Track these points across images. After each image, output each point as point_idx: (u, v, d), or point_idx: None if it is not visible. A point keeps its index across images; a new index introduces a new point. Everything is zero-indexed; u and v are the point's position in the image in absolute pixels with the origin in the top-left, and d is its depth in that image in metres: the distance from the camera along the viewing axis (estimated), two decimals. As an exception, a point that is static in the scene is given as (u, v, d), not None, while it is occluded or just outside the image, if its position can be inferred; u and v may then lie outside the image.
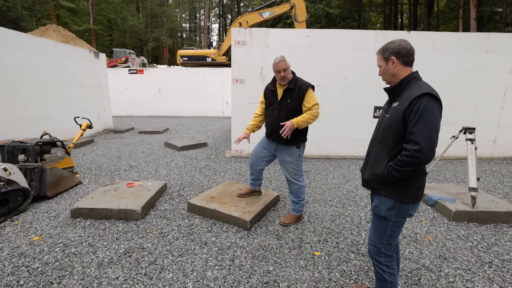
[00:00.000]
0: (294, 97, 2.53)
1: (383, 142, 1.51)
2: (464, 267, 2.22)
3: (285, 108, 2.58)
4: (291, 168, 2.71)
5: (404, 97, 1.42)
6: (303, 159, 2.76)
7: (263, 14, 12.49)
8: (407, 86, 1.44)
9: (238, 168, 4.73)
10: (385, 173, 1.44)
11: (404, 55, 1.45)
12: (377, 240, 1.57)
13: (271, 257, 2.30)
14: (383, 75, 1.56)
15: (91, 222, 2.80)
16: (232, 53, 5.13)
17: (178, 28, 31.02)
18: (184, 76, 12.39)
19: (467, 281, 2.05)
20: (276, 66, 2.54)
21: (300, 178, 2.75)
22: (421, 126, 1.31)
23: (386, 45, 1.52)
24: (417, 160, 1.33)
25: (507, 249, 2.47)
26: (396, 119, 1.41)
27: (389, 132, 1.46)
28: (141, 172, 4.46)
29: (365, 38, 5.15)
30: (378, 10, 23.98)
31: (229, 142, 6.86)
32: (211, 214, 2.90)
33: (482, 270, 2.18)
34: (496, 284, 2.03)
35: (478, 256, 2.37)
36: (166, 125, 9.64)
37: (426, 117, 1.31)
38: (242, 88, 5.28)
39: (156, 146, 6.38)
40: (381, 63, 1.53)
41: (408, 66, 1.48)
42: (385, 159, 1.48)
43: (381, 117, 1.61)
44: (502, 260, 2.32)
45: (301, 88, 2.51)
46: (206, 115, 12.82)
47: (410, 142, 1.35)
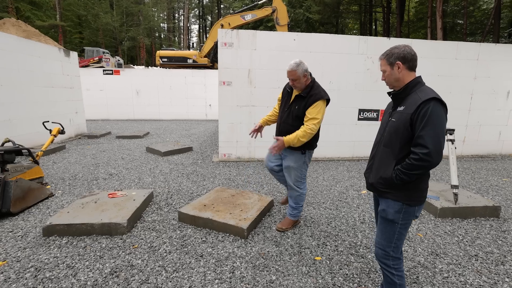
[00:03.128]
0: (302, 105, 2.43)
1: (389, 146, 1.53)
2: (454, 261, 2.33)
3: (292, 114, 2.50)
4: (294, 175, 2.63)
5: (410, 101, 1.45)
6: (308, 166, 2.68)
7: (245, 17, 12.45)
8: (412, 91, 1.49)
9: (228, 173, 4.59)
10: (393, 177, 1.47)
11: (409, 60, 1.49)
12: (385, 243, 1.58)
13: (272, 265, 2.22)
14: (387, 80, 1.58)
15: (68, 240, 2.50)
16: (219, 55, 5.00)
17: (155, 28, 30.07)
18: (164, 78, 11.98)
19: (460, 275, 2.14)
20: (286, 72, 2.45)
21: (302, 186, 2.68)
22: (429, 130, 1.34)
23: (390, 50, 1.54)
24: (425, 164, 1.35)
25: (488, 242, 2.65)
26: (403, 123, 1.44)
27: (396, 136, 1.48)
28: (122, 180, 4.17)
29: (350, 43, 5.26)
30: (355, 17, 25.02)
31: (216, 146, 6.68)
32: (205, 223, 2.75)
33: (470, 263, 2.30)
34: (484, 276, 2.15)
35: (465, 250, 2.50)
36: (146, 129, 9.23)
37: (433, 121, 1.35)
38: (229, 91, 5.15)
39: (137, 151, 6.05)
40: (386, 68, 1.55)
41: (412, 71, 1.52)
42: (392, 163, 1.50)
43: (385, 121, 1.64)
44: (486, 252, 2.47)
45: (311, 97, 2.39)
46: (189, 118, 12.48)
47: (419, 146, 1.37)
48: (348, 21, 26.45)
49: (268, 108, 5.34)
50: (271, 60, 5.13)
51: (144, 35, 27.41)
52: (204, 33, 39.23)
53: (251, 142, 5.45)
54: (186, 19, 28.64)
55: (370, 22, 24.18)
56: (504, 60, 5.79)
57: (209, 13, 37.69)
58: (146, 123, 11.18)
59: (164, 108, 12.20)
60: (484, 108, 5.95)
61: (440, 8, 13.77)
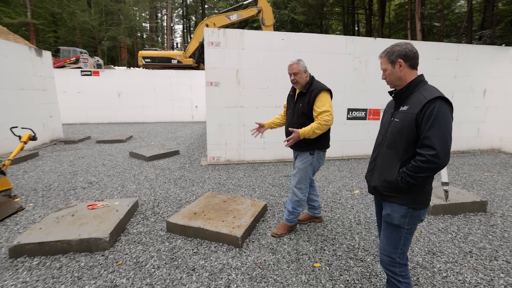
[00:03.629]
0: (305, 101, 2.41)
1: (393, 148, 1.46)
2: (451, 260, 2.31)
3: (298, 113, 2.46)
4: (298, 176, 2.52)
5: (414, 100, 1.39)
6: (315, 170, 2.57)
7: (231, 17, 12.28)
8: (415, 90, 1.43)
9: (217, 177, 4.41)
10: (398, 180, 1.39)
11: (411, 58, 1.44)
12: (390, 249, 1.50)
13: (270, 275, 2.09)
14: (388, 79, 1.52)
15: (40, 260, 2.23)
16: (206, 54, 4.82)
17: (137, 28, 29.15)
18: (147, 79, 11.57)
19: (458, 274, 2.12)
20: (288, 69, 2.47)
21: (303, 189, 2.55)
22: (436, 131, 1.28)
23: (391, 48, 1.47)
24: (433, 166, 1.29)
25: (480, 237, 2.67)
26: (408, 123, 1.37)
27: (400, 137, 1.41)
28: (104, 189, 3.89)
29: (337, 43, 5.24)
30: (338, 19, 25.48)
31: (203, 149, 6.47)
32: (196, 233, 2.57)
33: (466, 261, 2.30)
34: (480, 273, 2.14)
35: (459, 247, 2.50)
36: (129, 133, 8.84)
37: (440, 121, 1.28)
38: (217, 92, 4.98)
39: (120, 157, 5.73)
40: (387, 66, 1.49)
41: (414, 69, 1.46)
42: (397, 165, 1.43)
43: (387, 122, 1.56)
44: (479, 248, 2.48)
45: (313, 91, 2.37)
46: (174, 120, 12.12)
47: (425, 147, 1.31)
48: (331, 22, 26.91)
49: (257, 109, 5.22)
50: (260, 60, 5.01)
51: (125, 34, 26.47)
52: (188, 33, 38.53)
53: (240, 144, 5.30)
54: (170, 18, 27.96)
55: (353, 23, 24.72)
56: (481, 60, 6.00)
57: (193, 13, 37.08)
58: (129, 126, 10.74)
59: (148, 110, 11.78)
60: (463, 106, 6.12)
61: (418, 10, 14.25)
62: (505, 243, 2.56)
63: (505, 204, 3.43)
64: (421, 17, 14.64)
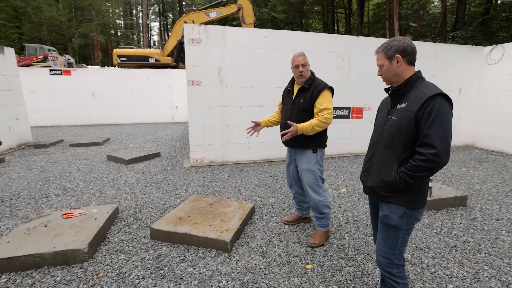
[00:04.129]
0: (307, 97, 2.32)
1: (390, 146, 1.41)
2: (438, 255, 2.36)
3: (298, 108, 2.37)
4: (308, 178, 2.43)
5: (413, 97, 1.34)
6: (323, 168, 2.50)
7: (210, 14, 12.05)
8: (413, 86, 1.39)
9: (201, 179, 4.27)
10: (397, 180, 1.36)
11: (409, 54, 1.39)
12: (388, 251, 1.47)
13: (262, 280, 2.02)
14: (384, 75, 1.46)
15: (9, 277, 2.01)
16: (186, 52, 4.65)
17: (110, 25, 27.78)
18: (124, 78, 11.06)
19: (445, 269, 2.17)
20: (294, 60, 2.36)
21: (320, 190, 2.45)
22: (437, 129, 1.25)
23: (388, 42, 1.42)
24: (433, 165, 1.26)
25: (462, 231, 2.76)
26: (407, 121, 1.33)
27: (398, 135, 1.37)
28: (80, 195, 3.63)
29: (321, 41, 5.27)
30: (318, 17, 25.91)
31: (186, 150, 6.27)
32: (182, 239, 2.45)
33: (451, 255, 2.36)
34: (466, 266, 2.21)
35: (444, 242, 2.57)
36: (105, 135, 8.41)
37: (440, 119, 1.25)
38: (199, 91, 4.83)
39: (96, 160, 5.40)
40: (384, 61, 1.43)
41: (411, 65, 1.42)
42: (395, 165, 1.39)
43: (383, 120, 1.51)
44: (463, 242, 2.56)
45: (316, 87, 2.31)
46: (153, 121, 11.71)
47: (425, 146, 1.27)
48: (311, 21, 27.31)
49: (241, 109, 5.13)
50: (243, 58, 4.93)
51: (97, 32, 25.13)
52: (166, 31, 37.40)
53: (224, 144, 5.18)
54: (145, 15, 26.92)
55: (332, 22, 25.22)
56: (457, 59, 6.30)
57: (170, 10, 36.01)
58: (105, 128, 10.22)
59: (125, 111, 11.28)
60: (440, 103, 6.40)
61: (396, 10, 14.80)
62: (485, 236, 2.67)
63: (482, 198, 3.60)
64: (399, 17, 15.19)
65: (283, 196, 3.62)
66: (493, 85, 6.38)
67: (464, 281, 2.03)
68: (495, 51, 6.30)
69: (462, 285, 1.99)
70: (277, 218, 2.98)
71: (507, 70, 6.10)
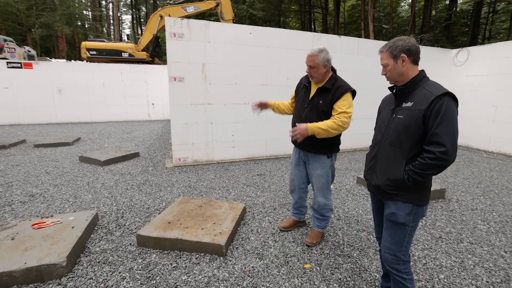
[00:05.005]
0: (328, 98, 2.12)
1: (397, 145, 1.41)
2: (427, 246, 2.44)
3: (316, 110, 2.17)
4: (320, 183, 2.32)
5: (420, 96, 1.35)
6: (334, 173, 2.41)
7: (187, 9, 11.62)
8: (419, 85, 1.40)
9: (186, 180, 4.10)
10: (405, 178, 1.36)
11: (414, 53, 1.40)
12: (395, 248, 1.48)
13: (261, 283, 1.96)
14: (389, 74, 1.47)
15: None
16: (168, 47, 4.41)
17: (76, 15, 25.78)
18: (95, 74, 10.33)
19: (435, 260, 2.26)
20: (306, 59, 2.15)
21: (329, 194, 2.38)
22: (445, 127, 1.26)
23: (393, 42, 1.43)
24: (442, 163, 1.28)
25: (445, 222, 2.91)
26: (415, 120, 1.34)
27: (406, 134, 1.37)
28: (51, 202, 3.29)
29: (304, 40, 5.29)
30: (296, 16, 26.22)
31: (166, 149, 6.00)
32: (173, 244, 2.30)
33: (438, 246, 2.46)
34: (452, 256, 2.31)
35: (430, 233, 2.68)
36: (75, 134, 7.80)
37: (448, 118, 1.27)
38: (181, 88, 4.61)
39: (67, 162, 4.97)
40: (389, 61, 1.44)
41: (416, 64, 1.43)
42: (402, 163, 1.39)
43: (387, 118, 1.52)
44: (446, 233, 2.69)
45: (338, 89, 2.11)
46: (128, 119, 11.09)
47: (434, 144, 1.28)
48: (289, 19, 27.58)
49: (226, 106, 5.00)
50: (227, 54, 4.79)
51: (62, 22, 23.26)
52: (138, 24, 35.63)
53: (208, 143, 5.02)
54: (116, 7, 25.36)
55: (310, 21, 25.65)
56: (429, 60, 6.66)
57: (142, 3, 34.27)
58: (74, 126, 9.49)
59: (97, 108, 10.55)
60: (414, 102, 6.75)
61: (371, 12, 15.38)
62: (465, 226, 2.84)
63: (457, 190, 3.84)
64: (373, 19, 15.81)
65: (272, 195, 3.57)
66: (459, 85, 6.85)
67: (453, 270, 2.13)
68: (461, 54, 6.77)
69: (451, 274, 2.09)
70: (270, 218, 2.93)
71: (471, 71, 6.58)
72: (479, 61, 6.43)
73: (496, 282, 2.01)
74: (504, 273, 2.11)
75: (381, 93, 7.53)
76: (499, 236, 2.64)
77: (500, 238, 2.61)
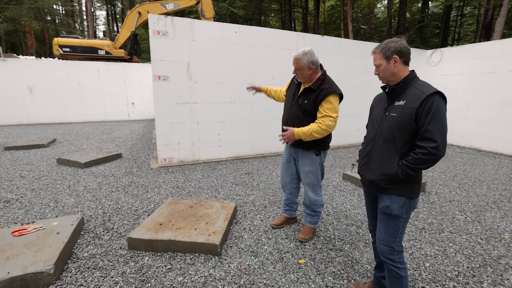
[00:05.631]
0: (312, 99, 2.16)
1: (391, 141, 1.48)
2: (412, 237, 2.57)
3: (301, 109, 2.23)
4: (310, 179, 2.38)
5: (411, 95, 1.43)
6: (324, 170, 2.46)
7: (167, 6, 11.34)
8: (410, 85, 1.47)
9: (173, 180, 4.02)
10: (399, 172, 1.43)
11: (405, 55, 1.48)
12: (390, 239, 1.55)
13: (258, 280, 1.98)
14: (382, 74, 1.54)
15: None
16: (152, 45, 4.29)
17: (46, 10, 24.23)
18: (69, 72, 9.81)
19: (420, 249, 2.38)
20: (292, 60, 2.22)
21: (319, 190, 2.44)
22: (436, 124, 1.34)
23: (386, 43, 1.51)
24: (433, 157, 1.35)
25: (427, 214, 3.08)
26: (408, 117, 1.41)
27: (399, 131, 1.44)
28: (29, 207, 3.11)
29: (289, 39, 5.36)
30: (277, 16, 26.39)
31: (149, 150, 5.84)
32: (166, 246, 2.26)
33: (422, 236, 2.61)
34: (435, 245, 2.45)
35: (414, 225, 2.83)
36: (50, 136, 7.38)
37: (438, 115, 1.34)
38: (166, 87, 4.51)
39: (44, 165, 4.70)
40: (381, 61, 1.51)
41: (407, 65, 1.51)
42: (395, 158, 1.46)
43: (380, 116, 1.58)
44: (429, 224, 2.86)
45: (322, 91, 2.14)
46: (107, 119, 10.65)
47: (426, 140, 1.36)
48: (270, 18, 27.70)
49: (211, 105, 4.96)
50: (212, 52, 4.75)
51: (30, 17, 21.79)
52: (114, 20, 34.12)
53: (194, 143, 4.96)
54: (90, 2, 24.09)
55: (290, 21, 25.93)
56: (405, 60, 6.99)
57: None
58: (48, 127, 8.96)
59: (72, 108, 10.03)
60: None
61: (350, 13, 15.83)
62: (445, 216, 3.03)
63: (436, 184, 4.07)
64: (352, 19, 16.28)
65: (262, 193, 3.61)
66: (434, 84, 7.20)
67: (437, 258, 2.27)
68: (435, 55, 7.17)
69: (436, 262, 2.22)
70: (261, 216, 2.96)
71: (444, 71, 7.00)
72: (451, 61, 6.84)
73: (475, 267, 2.17)
74: (482, 259, 2.28)
75: (363, 92, 7.82)
76: (475, 225, 2.84)
77: (476, 226, 2.82)
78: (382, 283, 1.83)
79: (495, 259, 2.28)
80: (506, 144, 5.88)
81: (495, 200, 3.49)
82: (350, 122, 6.47)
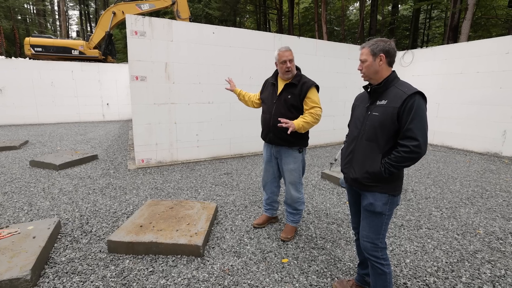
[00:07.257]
0: (296, 93, 2.29)
1: (374, 140, 1.51)
2: (392, 235, 2.63)
3: (285, 103, 2.32)
4: (293, 177, 2.44)
5: (393, 95, 1.46)
6: (305, 166, 2.53)
7: (142, 6, 11.06)
8: (391, 85, 1.50)
9: (152, 182, 4.01)
10: (382, 170, 1.46)
11: (391, 55, 1.50)
12: (373, 236, 1.57)
13: (242, 281, 1.99)
14: (365, 70, 1.55)
15: None
16: (129, 45, 4.24)
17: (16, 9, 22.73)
18: (42, 72, 9.35)
19: (400, 246, 2.45)
20: (281, 56, 2.29)
21: (301, 188, 2.50)
22: (417, 123, 1.37)
23: (375, 41, 1.52)
24: (415, 155, 1.39)
25: (404, 211, 3.15)
26: (390, 117, 1.44)
27: (382, 130, 1.47)
28: (1, 211, 3.00)
29: (266, 40, 5.47)
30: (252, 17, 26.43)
31: (126, 151, 5.75)
32: (148, 248, 2.28)
33: (401, 233, 2.66)
34: (414, 242, 2.52)
35: (393, 222, 2.88)
36: (22, 137, 7.03)
37: (419, 114, 1.38)
38: (144, 87, 4.48)
39: (16, 167, 4.50)
40: (368, 57, 1.52)
41: (390, 66, 1.53)
42: (378, 156, 1.49)
43: (363, 115, 1.60)
44: (407, 221, 2.92)
45: (304, 84, 2.29)
46: (81, 120, 10.27)
47: (408, 138, 1.39)
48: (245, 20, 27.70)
49: (190, 106, 4.98)
50: (191, 53, 4.76)
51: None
52: (87, 20, 32.62)
53: (172, 143, 4.95)
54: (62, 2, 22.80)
55: (265, 22, 26.09)
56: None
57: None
58: (19, 129, 8.50)
59: (44, 109, 9.57)
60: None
61: (324, 14, 16.24)
62: (422, 213, 3.10)
63: (411, 181, 4.21)
64: (326, 21, 16.70)
65: (242, 193, 3.66)
66: (404, 84, 7.68)
67: (416, 254, 2.32)
68: (407, 55, 7.57)
69: (416, 258, 2.27)
70: (242, 216, 3.00)
71: (416, 71, 7.37)
72: (422, 62, 7.15)
73: (453, 262, 2.23)
74: (459, 254, 2.34)
75: (339, 92, 8.13)
76: (451, 221, 2.92)
77: (452, 222, 2.89)
78: (365, 280, 1.85)
79: (472, 253, 2.33)
80: (476, 142, 6.15)
81: (468, 196, 3.60)
82: (326, 122, 6.69)
